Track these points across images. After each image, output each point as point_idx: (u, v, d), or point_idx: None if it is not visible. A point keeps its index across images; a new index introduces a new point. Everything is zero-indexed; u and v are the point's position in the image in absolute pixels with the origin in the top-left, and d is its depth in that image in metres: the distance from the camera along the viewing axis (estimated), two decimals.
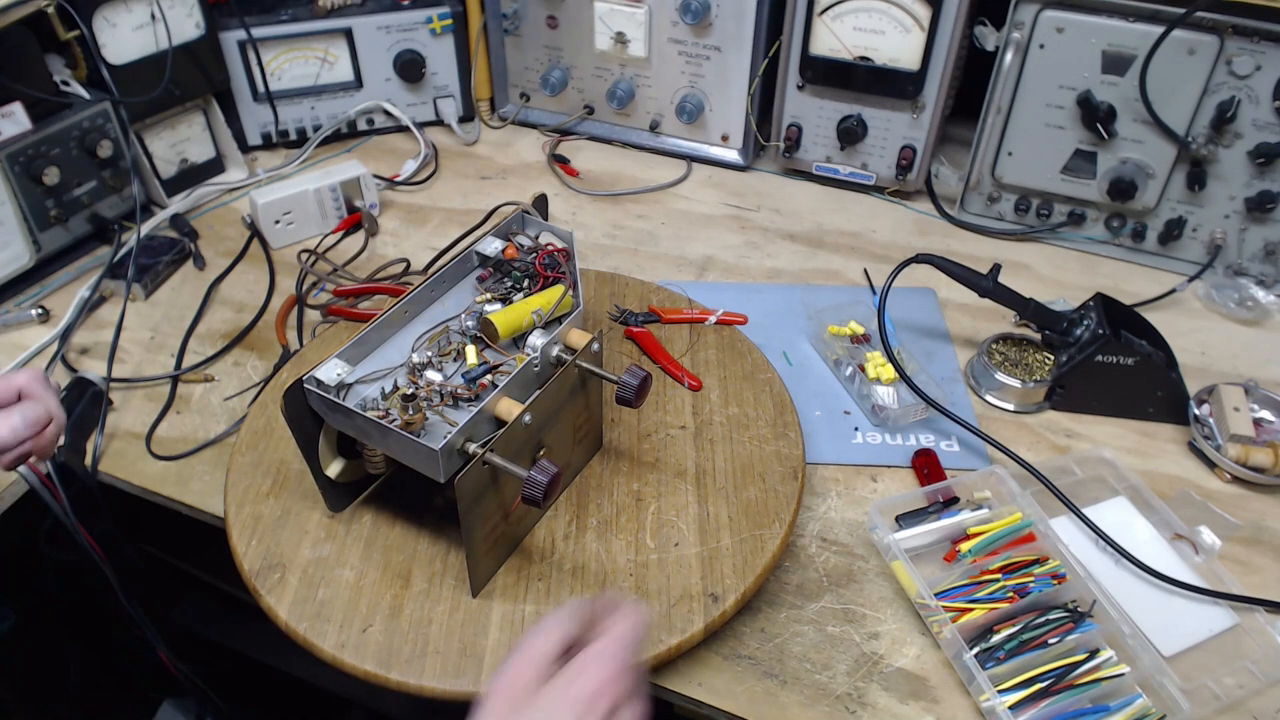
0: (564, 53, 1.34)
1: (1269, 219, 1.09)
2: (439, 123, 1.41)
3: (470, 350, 0.77)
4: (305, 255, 1.14)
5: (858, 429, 0.95)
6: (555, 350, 0.77)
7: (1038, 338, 1.01)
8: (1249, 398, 0.93)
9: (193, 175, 1.26)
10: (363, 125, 1.38)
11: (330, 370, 0.72)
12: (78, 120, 1.07)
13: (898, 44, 1.15)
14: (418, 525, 0.79)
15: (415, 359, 0.75)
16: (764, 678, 0.74)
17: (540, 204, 0.96)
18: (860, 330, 1.02)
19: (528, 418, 0.70)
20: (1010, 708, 0.69)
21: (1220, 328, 1.09)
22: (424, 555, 0.77)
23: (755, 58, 1.24)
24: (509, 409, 0.71)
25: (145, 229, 1.15)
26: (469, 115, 1.43)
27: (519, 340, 0.79)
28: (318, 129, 1.34)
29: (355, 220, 1.20)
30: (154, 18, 1.14)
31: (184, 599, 1.42)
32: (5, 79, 1.01)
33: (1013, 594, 0.77)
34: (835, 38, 1.18)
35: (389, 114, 1.37)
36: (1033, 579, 0.78)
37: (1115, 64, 1.07)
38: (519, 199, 1.16)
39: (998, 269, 0.98)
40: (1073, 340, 0.97)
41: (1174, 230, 1.13)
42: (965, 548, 0.80)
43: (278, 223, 1.17)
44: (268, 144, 1.35)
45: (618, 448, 0.86)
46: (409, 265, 1.15)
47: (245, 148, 1.33)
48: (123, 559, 0.93)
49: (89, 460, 0.90)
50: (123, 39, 1.13)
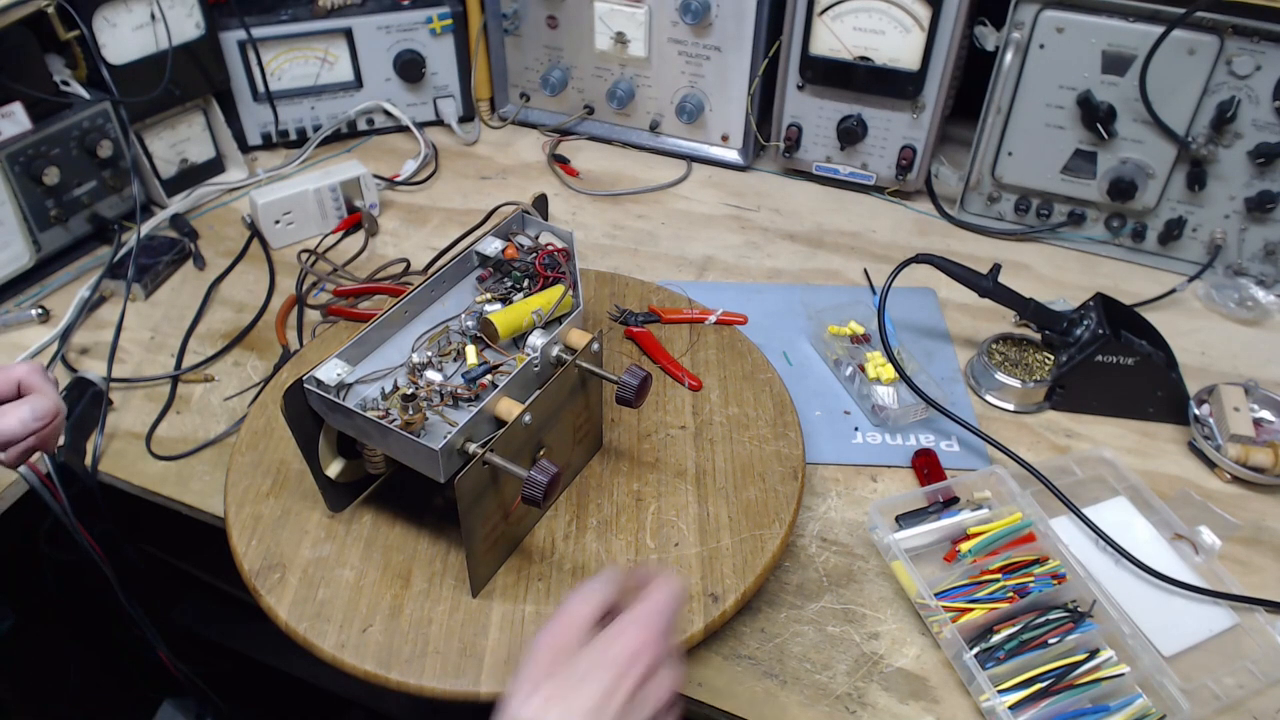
0: (564, 53, 1.34)
1: (1269, 219, 1.09)
2: (439, 123, 1.41)
3: (470, 350, 0.77)
4: (305, 255, 1.14)
5: (858, 429, 0.95)
6: (555, 350, 0.77)
7: (1038, 338, 1.01)
8: (1249, 398, 0.93)
9: (193, 175, 1.26)
10: (363, 125, 1.38)
11: (330, 370, 0.72)
12: (78, 120, 1.08)
13: (898, 44, 1.15)
14: (418, 525, 0.79)
15: (415, 359, 0.75)
16: (764, 678, 0.74)
17: (540, 204, 0.96)
18: (860, 330, 1.02)
19: (528, 418, 0.70)
20: (1010, 708, 0.69)
21: (1220, 328, 1.09)
22: (424, 555, 0.77)
23: (755, 58, 1.24)
24: (509, 409, 0.71)
25: (145, 229, 1.15)
26: (469, 115, 1.43)
27: (519, 340, 0.79)
28: (318, 129, 1.34)
29: (355, 220, 1.20)
30: (154, 18, 1.14)
31: (184, 599, 1.42)
32: (5, 79, 1.01)
33: (1013, 594, 0.77)
34: (835, 38, 1.18)
35: (389, 114, 1.37)
36: (1033, 579, 0.78)
37: (1115, 64, 1.07)
38: (519, 199, 1.16)
39: (998, 269, 0.98)
40: (1073, 340, 0.97)
41: (1174, 230, 1.13)
42: (965, 548, 0.80)
43: (278, 223, 1.17)
44: (268, 144, 1.35)
45: (618, 448, 0.86)
46: (409, 265, 1.15)
47: (245, 148, 1.33)
48: (123, 559, 0.93)
49: (89, 460, 0.90)
50: (123, 39, 1.13)
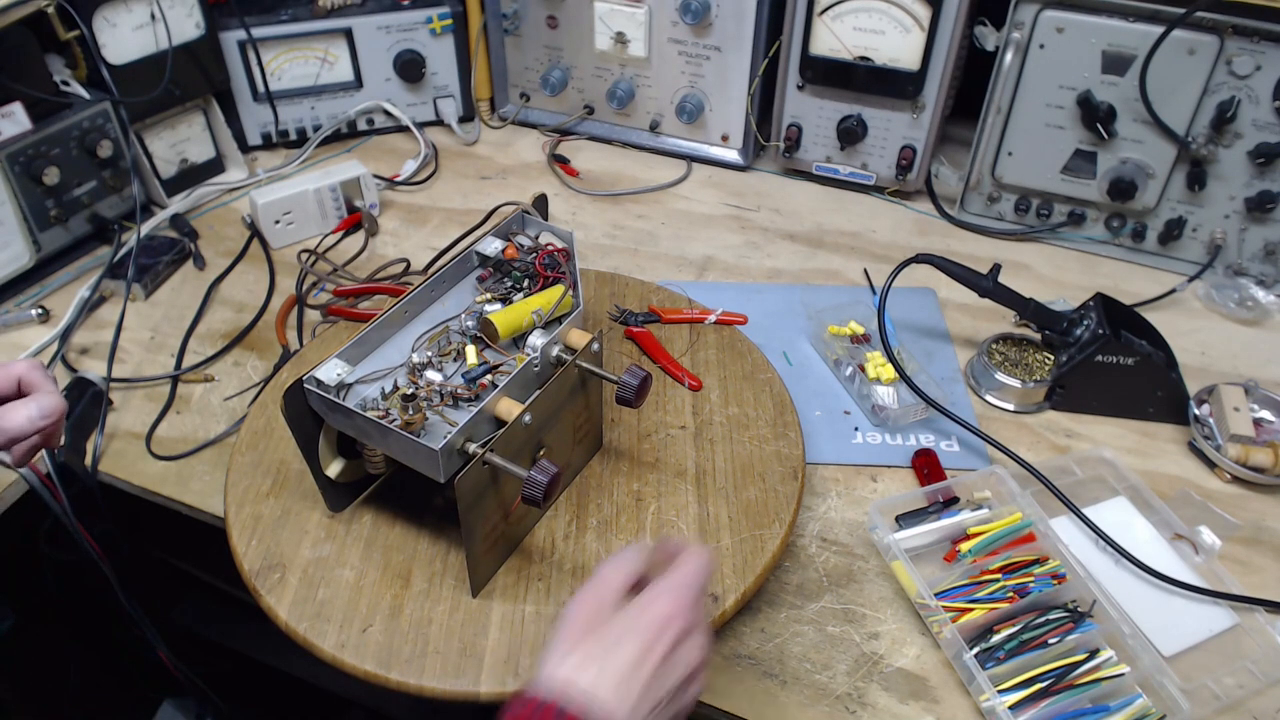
0: (564, 53, 1.34)
1: (1269, 219, 1.09)
2: (439, 123, 1.41)
3: (470, 350, 0.77)
4: (305, 255, 1.14)
5: (858, 429, 0.95)
6: (555, 350, 0.77)
7: (1038, 338, 1.01)
8: (1249, 398, 0.93)
9: (193, 175, 1.26)
10: (363, 125, 1.38)
11: (330, 370, 0.72)
12: (78, 120, 1.07)
13: (898, 44, 1.15)
14: (418, 525, 0.79)
15: (415, 359, 0.75)
16: (764, 678, 0.74)
17: (540, 204, 0.96)
18: (860, 330, 1.02)
19: (528, 418, 0.70)
20: (1010, 708, 0.69)
21: (1220, 328, 1.09)
22: (424, 555, 0.77)
23: (755, 58, 1.24)
24: (509, 409, 0.71)
25: (145, 229, 1.15)
26: (469, 115, 1.43)
27: (519, 340, 0.79)
28: (318, 129, 1.34)
29: (355, 220, 1.20)
30: (154, 18, 1.14)
31: (184, 599, 1.42)
32: (5, 79, 1.01)
33: (1013, 594, 0.77)
34: (835, 38, 1.18)
35: (389, 114, 1.37)
36: (1033, 579, 0.78)
37: (1115, 64, 1.07)
38: (519, 199, 1.16)
39: (998, 269, 0.98)
40: (1073, 340, 0.97)
41: (1174, 230, 1.13)
42: (965, 548, 0.80)
43: (278, 223, 1.17)
44: (268, 144, 1.35)
45: (618, 448, 0.86)
46: (409, 265, 1.15)
47: (245, 148, 1.33)
48: (123, 559, 0.93)
49: (89, 460, 0.90)
50: (123, 39, 1.13)
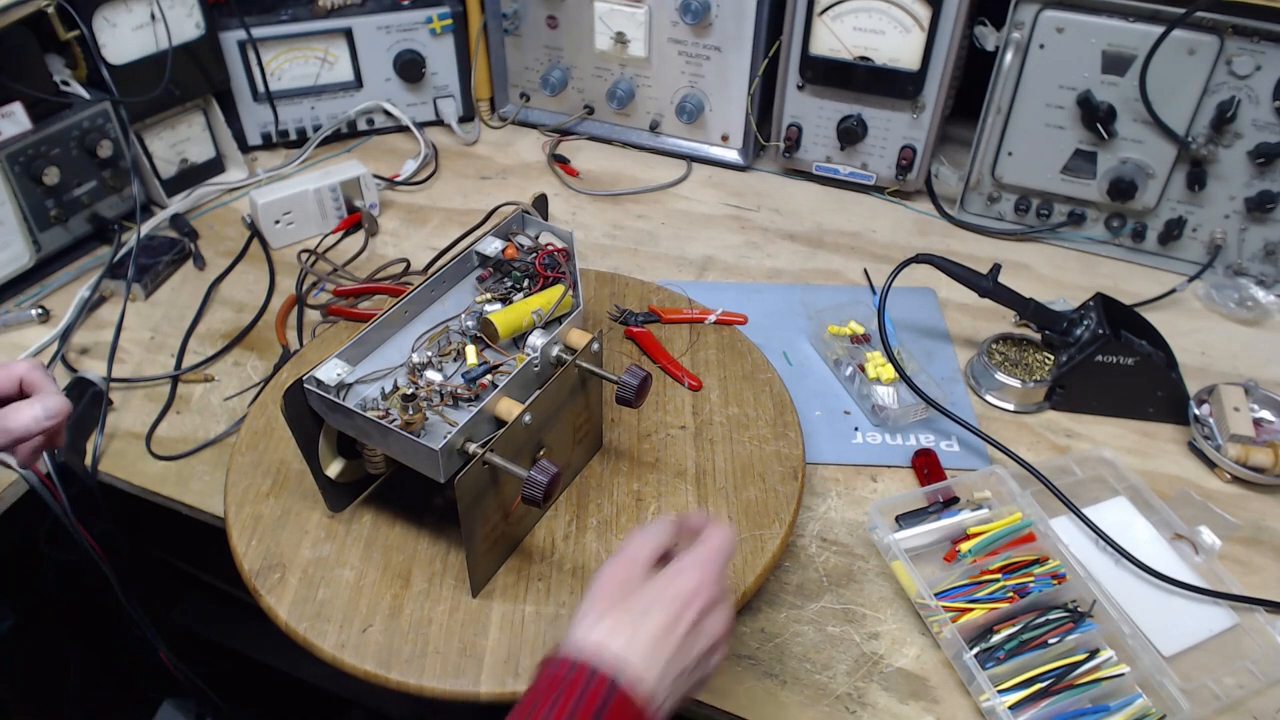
0: (564, 53, 1.34)
1: (1269, 219, 1.09)
2: (439, 123, 1.41)
3: (470, 350, 0.77)
4: (305, 255, 1.14)
5: (858, 429, 0.95)
6: (555, 350, 0.77)
7: (1038, 338, 1.01)
8: (1249, 398, 0.93)
9: (193, 175, 1.26)
10: (363, 125, 1.38)
11: (330, 370, 0.72)
12: (78, 120, 1.07)
13: (898, 44, 1.15)
14: (418, 525, 0.79)
15: (415, 359, 0.75)
16: (764, 678, 0.74)
17: (540, 204, 0.96)
18: (860, 330, 1.02)
19: (528, 418, 0.70)
20: (1010, 708, 0.69)
21: (1220, 328, 1.09)
22: (424, 555, 0.77)
23: (755, 58, 1.24)
24: (509, 409, 0.71)
25: (145, 229, 1.15)
26: (469, 115, 1.43)
27: (519, 340, 0.79)
28: (318, 129, 1.34)
29: (355, 220, 1.20)
30: (154, 18, 1.14)
31: (184, 599, 1.42)
32: (5, 79, 1.01)
33: (1013, 594, 0.77)
34: (835, 38, 1.18)
35: (389, 114, 1.37)
36: (1033, 579, 0.78)
37: (1115, 64, 1.07)
38: (519, 199, 1.16)
39: (998, 269, 0.98)
40: (1073, 340, 0.97)
41: (1174, 230, 1.13)
42: (965, 548, 0.80)
43: (278, 223, 1.17)
44: (268, 144, 1.35)
45: (618, 448, 0.86)
46: (409, 265, 1.15)
47: (245, 148, 1.33)
48: (123, 559, 0.93)
49: (89, 460, 0.90)
50: (123, 39, 1.13)
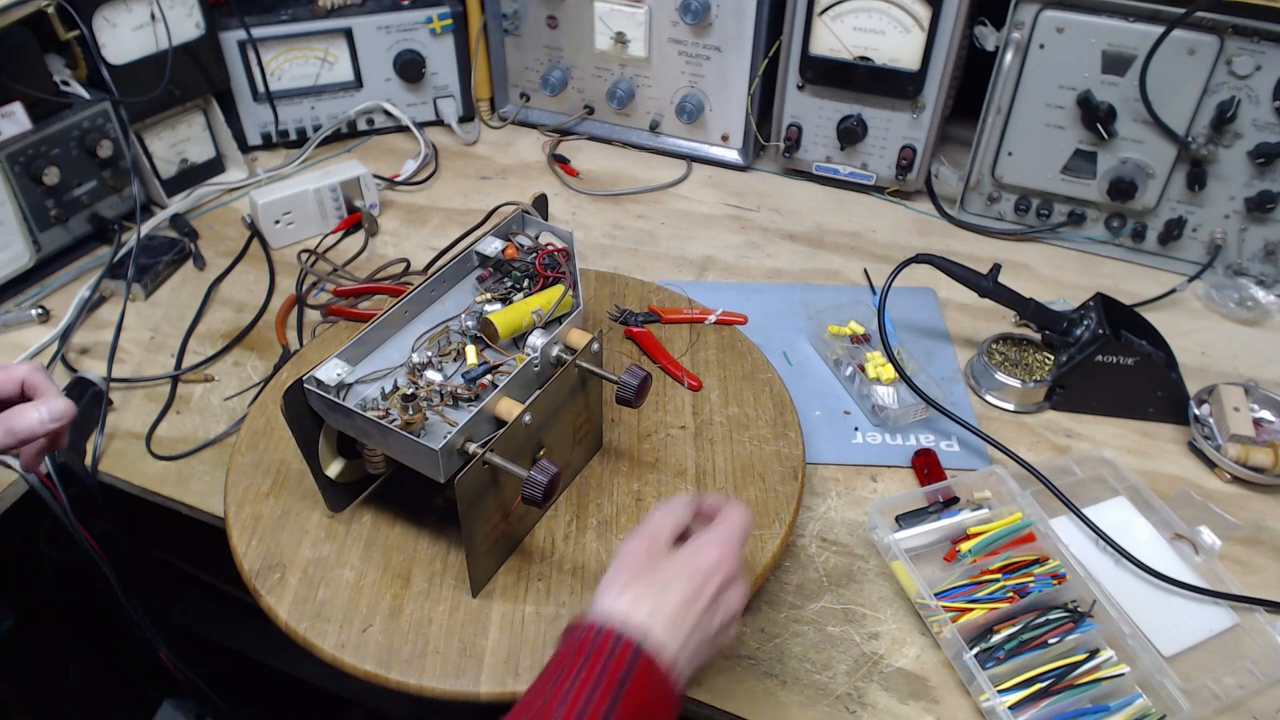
0: (564, 53, 1.34)
1: (1269, 219, 1.09)
2: (439, 123, 1.41)
3: (470, 350, 0.77)
4: (305, 255, 1.14)
5: (858, 429, 0.95)
6: (555, 350, 0.77)
7: (1038, 338, 1.01)
8: (1249, 398, 0.93)
9: (193, 175, 1.26)
10: (363, 125, 1.38)
11: (330, 370, 0.72)
12: (78, 120, 1.07)
13: (898, 44, 1.15)
14: (418, 525, 0.79)
15: (415, 359, 0.75)
16: (764, 678, 0.74)
17: (540, 204, 0.96)
18: (860, 330, 1.02)
19: (528, 418, 0.70)
20: (1010, 708, 0.69)
21: (1220, 328, 1.09)
22: (424, 555, 0.77)
23: (755, 58, 1.24)
24: (509, 409, 0.71)
25: (145, 229, 1.15)
26: (469, 115, 1.43)
27: (519, 340, 0.79)
28: (318, 129, 1.34)
29: (355, 220, 1.20)
30: (154, 18, 1.14)
31: (184, 599, 1.42)
32: (5, 79, 1.01)
33: (1013, 594, 0.77)
34: (835, 38, 1.18)
35: (389, 114, 1.37)
36: (1033, 579, 0.78)
37: (1115, 64, 1.07)
38: (519, 199, 1.15)
39: (998, 269, 0.98)
40: (1073, 340, 0.97)
41: (1174, 230, 1.13)
42: (965, 548, 0.80)
43: (278, 223, 1.17)
44: (268, 144, 1.35)
45: (618, 448, 0.86)
46: (409, 265, 1.15)
47: (245, 148, 1.33)
48: (123, 559, 0.93)
49: (89, 460, 0.90)
50: (123, 39, 1.13)
